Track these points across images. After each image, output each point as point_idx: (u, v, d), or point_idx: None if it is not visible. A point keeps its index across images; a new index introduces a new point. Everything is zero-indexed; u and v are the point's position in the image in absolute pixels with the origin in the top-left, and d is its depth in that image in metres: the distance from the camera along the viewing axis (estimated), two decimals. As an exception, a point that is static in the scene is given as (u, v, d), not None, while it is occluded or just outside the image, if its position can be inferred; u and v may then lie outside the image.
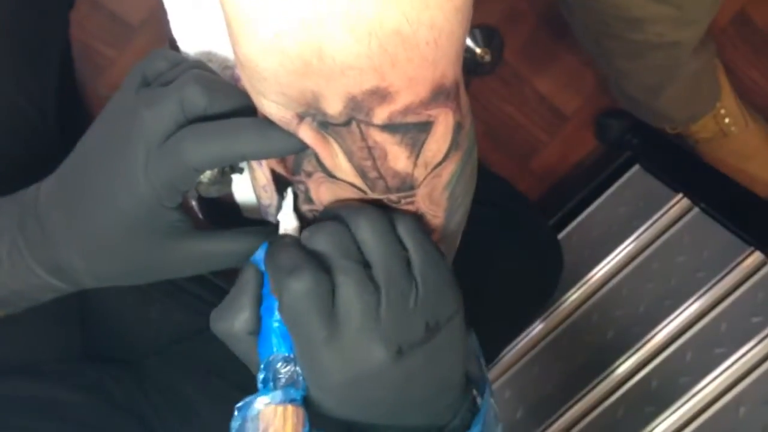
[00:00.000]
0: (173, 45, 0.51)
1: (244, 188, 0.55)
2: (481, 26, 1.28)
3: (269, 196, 0.47)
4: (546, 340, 1.24)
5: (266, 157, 0.44)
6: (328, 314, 0.41)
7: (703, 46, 1.08)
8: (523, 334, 1.24)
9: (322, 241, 0.42)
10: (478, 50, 1.28)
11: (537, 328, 1.24)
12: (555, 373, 1.21)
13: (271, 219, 0.49)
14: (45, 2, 0.75)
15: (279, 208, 0.46)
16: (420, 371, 0.43)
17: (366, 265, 0.42)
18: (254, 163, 0.47)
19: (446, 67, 0.38)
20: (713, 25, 1.24)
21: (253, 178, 0.48)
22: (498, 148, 1.39)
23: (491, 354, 1.10)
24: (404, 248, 0.43)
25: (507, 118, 1.37)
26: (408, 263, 0.42)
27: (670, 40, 0.97)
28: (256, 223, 0.51)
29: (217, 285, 0.85)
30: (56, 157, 0.75)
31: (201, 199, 0.61)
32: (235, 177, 0.48)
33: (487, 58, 1.28)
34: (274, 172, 0.45)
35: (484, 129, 1.37)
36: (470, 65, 1.29)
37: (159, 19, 1.09)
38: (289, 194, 0.45)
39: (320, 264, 0.41)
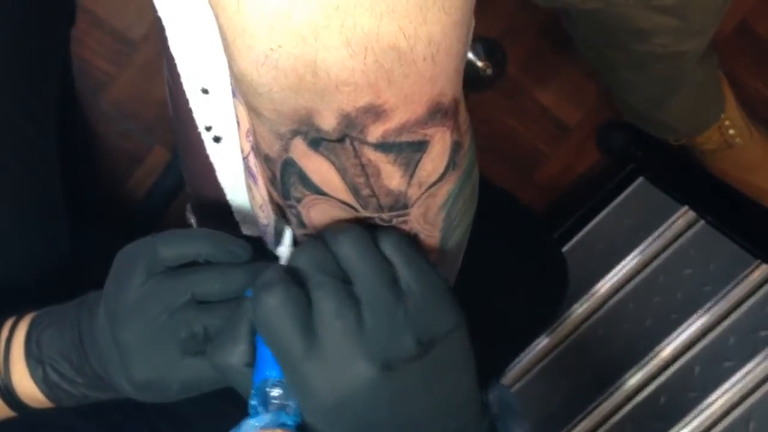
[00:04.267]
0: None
1: (243, 206, 0.55)
2: (482, 39, 1.27)
3: (266, 215, 0.46)
4: (551, 354, 1.22)
5: None
6: (303, 328, 0.40)
7: (706, 57, 1.07)
8: (528, 348, 1.23)
9: (300, 259, 0.42)
10: (479, 63, 1.27)
11: (542, 342, 1.23)
12: (561, 389, 1.20)
13: (269, 238, 0.48)
14: (46, 19, 0.75)
15: (276, 228, 0.46)
16: (417, 389, 0.42)
17: (347, 281, 0.41)
18: (251, 184, 0.46)
19: (444, 85, 0.37)
20: (716, 36, 1.24)
21: (251, 198, 0.48)
22: (500, 161, 1.38)
23: (494, 372, 1.09)
24: (390, 264, 0.42)
25: (509, 130, 1.36)
26: (394, 278, 0.41)
27: (674, 51, 0.96)
28: (254, 241, 0.51)
29: None
30: (54, 174, 0.74)
31: (196, 209, 0.61)
32: (229, 192, 0.48)
33: (489, 71, 1.27)
34: (271, 195, 0.45)
35: (487, 142, 1.36)
36: (472, 79, 1.28)
37: (159, 35, 1.08)
38: (288, 232, 0.45)
39: (296, 280, 0.41)
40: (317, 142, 0.38)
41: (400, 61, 0.35)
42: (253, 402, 0.43)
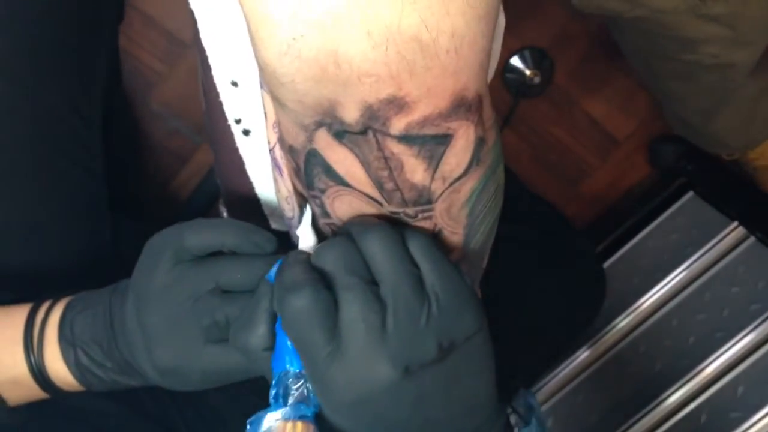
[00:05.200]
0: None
1: (271, 200, 0.55)
2: (531, 47, 1.26)
3: (291, 208, 0.47)
4: (592, 368, 1.21)
5: None
6: (329, 330, 0.40)
7: (761, 68, 1.05)
8: (568, 360, 1.21)
9: (327, 257, 0.42)
10: (527, 72, 1.26)
11: (583, 355, 1.21)
12: (600, 403, 1.18)
13: (293, 231, 0.48)
14: (93, 15, 0.76)
15: (300, 222, 0.46)
16: (435, 392, 0.42)
17: (373, 282, 0.41)
18: (277, 175, 0.47)
19: (468, 79, 0.37)
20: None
21: (277, 191, 0.48)
22: (547, 171, 1.37)
23: (522, 380, 1.07)
24: (416, 266, 0.42)
25: (556, 141, 1.35)
26: (420, 281, 0.41)
27: (724, 62, 0.94)
28: (281, 235, 0.51)
29: None
30: (98, 167, 0.76)
31: (227, 202, 0.62)
32: (258, 185, 0.48)
33: (537, 79, 1.26)
34: (295, 186, 0.45)
35: (533, 152, 1.35)
36: (520, 87, 1.27)
37: (192, 28, 1.10)
38: (308, 210, 0.45)
39: (322, 280, 0.41)
40: (341, 134, 0.38)
41: (422, 53, 0.35)
42: (273, 392, 0.44)
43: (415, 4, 0.33)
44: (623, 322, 1.20)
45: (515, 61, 1.27)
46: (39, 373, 0.54)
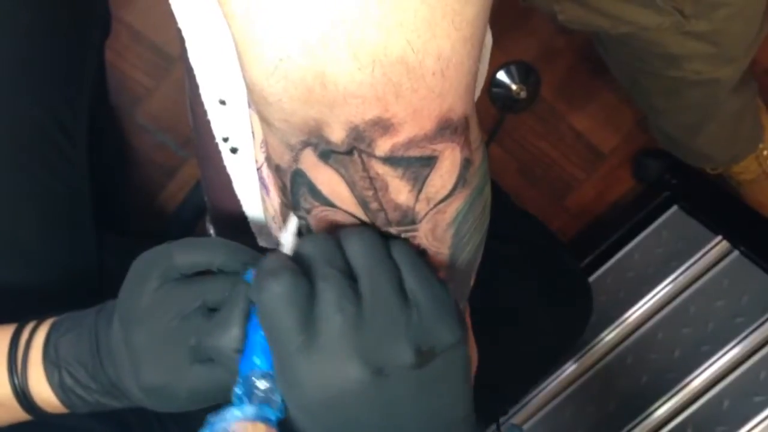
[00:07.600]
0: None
1: (259, 218, 0.55)
2: (517, 62, 1.27)
3: (278, 227, 0.47)
4: (578, 382, 1.21)
5: None
6: (304, 319, 0.40)
7: (744, 85, 1.06)
8: (555, 374, 1.22)
9: (307, 248, 0.42)
10: (513, 86, 1.27)
11: (569, 368, 1.22)
12: (586, 417, 1.18)
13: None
14: (79, 31, 0.76)
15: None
16: (408, 399, 0.41)
17: (353, 278, 0.41)
18: (264, 195, 0.47)
19: (454, 100, 0.37)
20: (757, 65, 1.22)
21: (264, 209, 0.48)
22: (533, 185, 1.37)
23: (511, 396, 1.07)
24: (398, 269, 0.41)
25: (542, 155, 1.36)
26: (400, 282, 0.41)
27: (707, 78, 0.95)
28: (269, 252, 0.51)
29: None
30: (83, 184, 0.75)
31: (214, 220, 0.62)
32: (245, 203, 0.48)
33: (523, 94, 1.27)
34: (282, 205, 0.45)
35: (519, 166, 1.36)
36: (506, 101, 1.28)
37: (180, 46, 1.10)
38: (293, 219, 0.45)
39: (302, 269, 0.41)
40: (327, 154, 0.38)
41: (408, 75, 0.35)
42: (237, 391, 0.42)
43: (401, 26, 0.34)
44: (609, 335, 1.20)
45: (501, 75, 1.27)
46: (23, 395, 0.53)
